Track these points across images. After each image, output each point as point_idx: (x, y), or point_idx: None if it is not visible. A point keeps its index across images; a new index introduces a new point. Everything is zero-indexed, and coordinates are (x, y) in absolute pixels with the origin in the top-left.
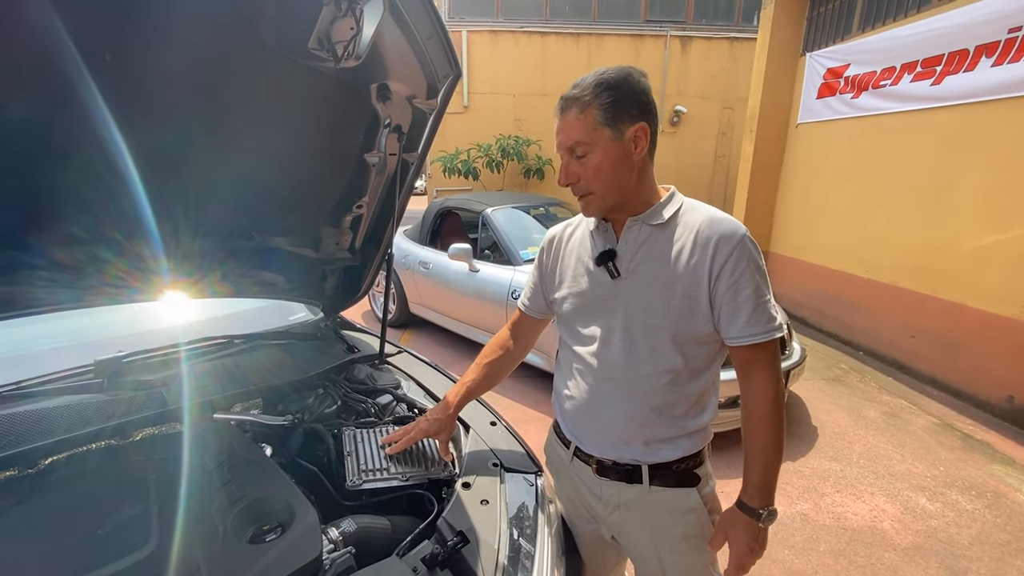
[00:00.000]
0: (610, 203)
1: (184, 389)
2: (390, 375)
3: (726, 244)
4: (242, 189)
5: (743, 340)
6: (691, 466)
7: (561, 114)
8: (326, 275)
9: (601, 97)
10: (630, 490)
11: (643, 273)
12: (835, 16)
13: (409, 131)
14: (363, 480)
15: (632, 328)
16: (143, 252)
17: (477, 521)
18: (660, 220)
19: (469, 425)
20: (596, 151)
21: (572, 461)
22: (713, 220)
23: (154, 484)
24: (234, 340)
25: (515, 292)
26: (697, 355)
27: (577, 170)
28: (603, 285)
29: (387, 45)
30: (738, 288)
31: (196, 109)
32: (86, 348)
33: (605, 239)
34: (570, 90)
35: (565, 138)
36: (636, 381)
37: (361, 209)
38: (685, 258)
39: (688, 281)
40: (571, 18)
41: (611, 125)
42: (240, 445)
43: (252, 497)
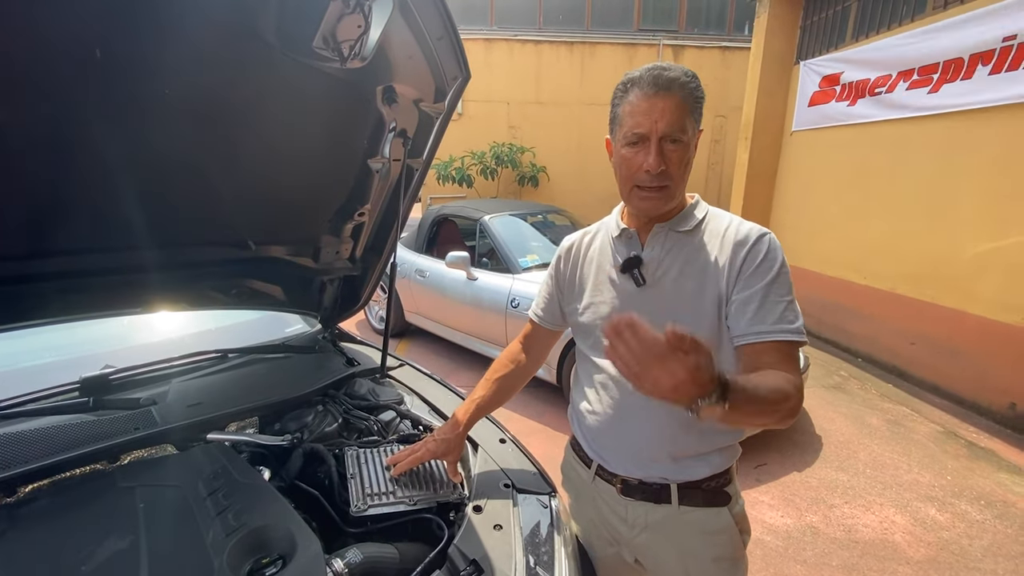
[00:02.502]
0: (676, 201)
1: (176, 408)
2: (392, 390)
3: (746, 244)
4: (239, 196)
5: (748, 338)
6: (721, 484)
7: (661, 93)
8: (325, 285)
9: (698, 91)
10: (658, 511)
11: (671, 281)
12: (829, 24)
13: (415, 136)
14: (368, 505)
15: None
16: (133, 261)
17: (491, 548)
18: (688, 227)
19: (478, 443)
20: (687, 143)
21: (594, 481)
22: (736, 226)
23: (143, 513)
24: (228, 354)
25: (514, 300)
26: (728, 364)
27: (670, 156)
28: (627, 294)
29: (395, 45)
30: (750, 282)
31: (191, 111)
32: (71, 365)
33: (629, 246)
34: (662, 70)
35: (667, 121)
36: None
37: (363, 217)
38: (713, 265)
39: (716, 289)
40: (564, 27)
41: (696, 120)
42: (236, 468)
43: (250, 526)
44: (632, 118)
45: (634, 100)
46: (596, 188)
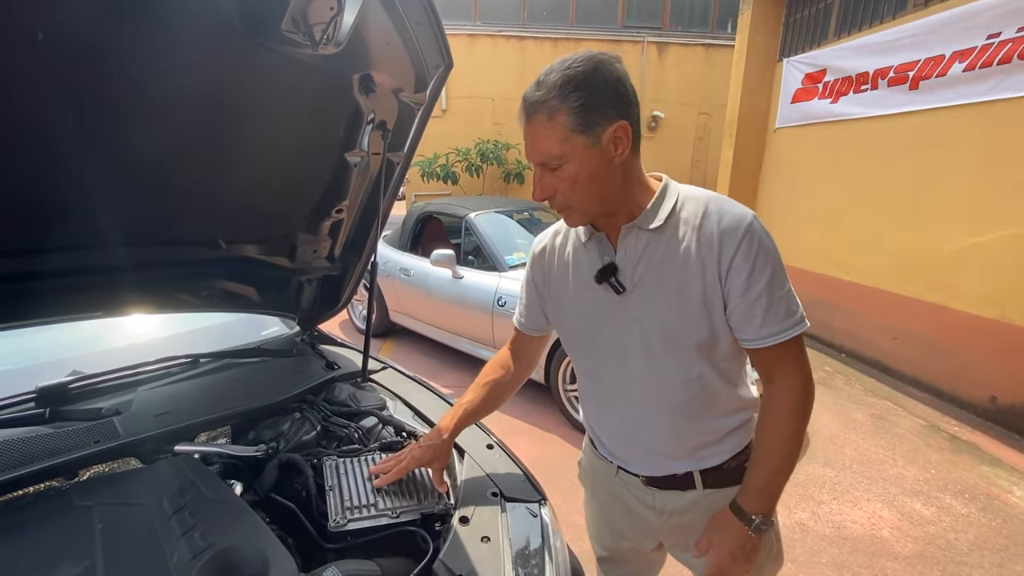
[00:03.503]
0: (592, 214)
1: (141, 418)
2: (374, 394)
3: (730, 238)
4: (207, 192)
5: (760, 342)
6: (741, 462)
7: (527, 120)
8: (302, 286)
9: (570, 100)
10: (685, 496)
11: (651, 283)
12: (812, 22)
13: (395, 128)
14: (348, 519)
15: (651, 343)
16: (93, 262)
17: (478, 562)
18: (657, 223)
19: (464, 450)
20: (571, 162)
21: (618, 474)
22: (715, 211)
23: (101, 535)
24: (199, 359)
25: (501, 299)
26: (725, 355)
27: (552, 183)
28: (609, 303)
29: (372, 30)
30: (749, 285)
31: (151, 101)
32: (27, 373)
33: (601, 251)
34: (532, 89)
35: (534, 151)
36: (665, 396)
37: (341, 214)
38: (692, 260)
39: (700, 285)
40: (549, 23)
41: (585, 131)
42: (205, 483)
43: (219, 547)
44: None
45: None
46: None
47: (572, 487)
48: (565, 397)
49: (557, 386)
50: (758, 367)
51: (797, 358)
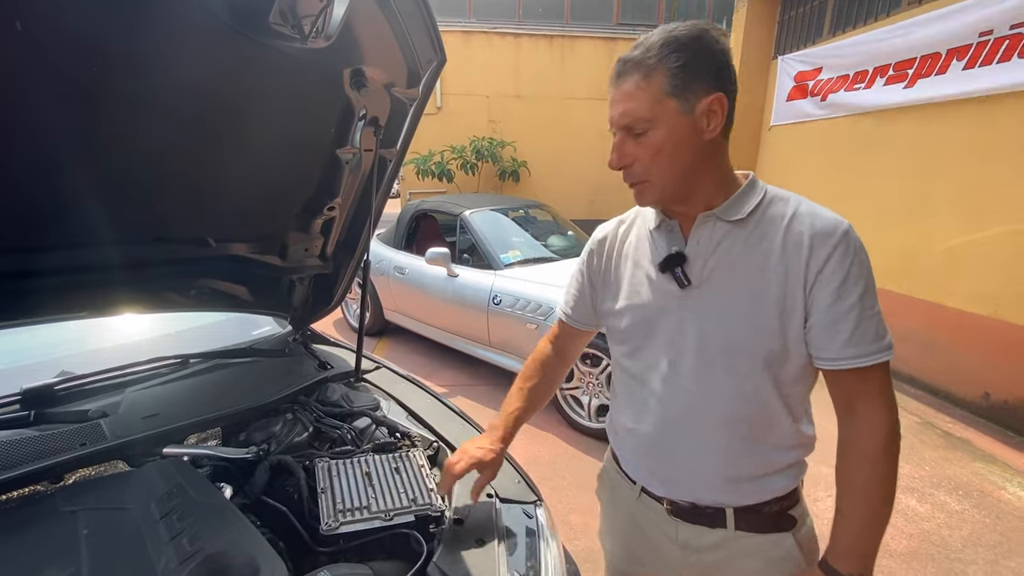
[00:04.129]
0: (670, 193)
1: (129, 420)
2: (368, 395)
3: (824, 241)
4: (195, 189)
5: (843, 363)
6: (785, 507)
7: (617, 80)
8: (294, 285)
9: (669, 60)
10: (712, 534)
11: (721, 281)
12: (806, 20)
13: (387, 124)
14: (340, 522)
15: (708, 348)
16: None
17: (472, 565)
18: (739, 215)
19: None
20: (659, 128)
21: (640, 498)
22: (806, 213)
23: (86, 541)
24: (189, 360)
25: (496, 298)
26: (792, 377)
27: (633, 150)
28: (669, 296)
29: (362, 23)
30: (840, 296)
31: (137, 96)
32: (12, 375)
33: (670, 239)
34: (630, 51)
35: (622, 111)
36: (715, 411)
37: (333, 212)
38: (775, 261)
39: (780, 291)
40: (544, 20)
41: (679, 95)
42: (193, 486)
43: (207, 552)
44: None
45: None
46: (578, 183)
47: (568, 486)
48: (562, 396)
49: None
50: (835, 395)
51: (884, 388)
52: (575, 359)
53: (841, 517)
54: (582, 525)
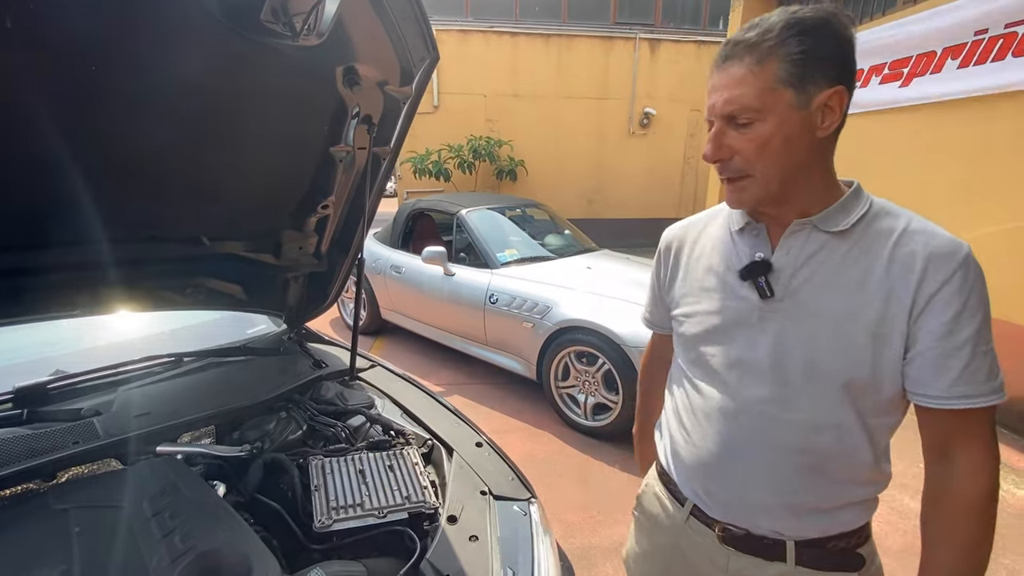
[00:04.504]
0: (771, 193)
1: (122, 418)
2: (362, 393)
3: (941, 265)
4: (189, 187)
5: (949, 403)
6: (853, 544)
7: (723, 64)
8: (289, 283)
9: (789, 44)
10: (768, 568)
11: (809, 296)
12: None
13: (380, 122)
14: (333, 520)
15: (786, 366)
16: (77, 259)
17: (466, 562)
18: (840, 226)
19: (452, 448)
20: (767, 119)
21: (688, 521)
22: (920, 230)
23: (78, 539)
24: (183, 358)
25: (493, 296)
26: (879, 409)
27: (734, 142)
28: (747, 306)
29: (354, 21)
30: (953, 329)
31: (131, 95)
32: (5, 373)
33: (754, 245)
34: (743, 31)
35: (726, 99)
36: (786, 434)
37: (327, 210)
38: (876, 281)
39: (878, 313)
40: (541, 19)
41: (796, 85)
42: (186, 484)
43: (199, 550)
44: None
45: (710, 76)
46: (575, 182)
47: (564, 483)
48: (557, 394)
49: (549, 383)
50: (930, 436)
51: (990, 432)
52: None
53: (932, 567)
54: (577, 523)
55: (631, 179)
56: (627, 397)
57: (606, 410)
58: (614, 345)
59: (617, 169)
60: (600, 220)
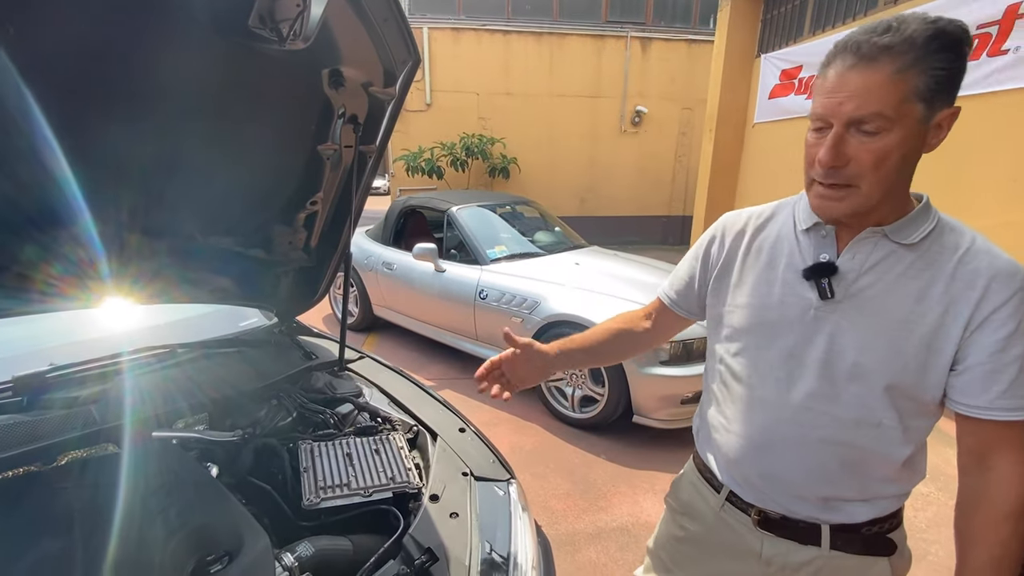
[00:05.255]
0: (869, 205)
1: (118, 406)
2: (351, 383)
3: (1003, 285)
4: (181, 185)
5: (994, 414)
6: (885, 530)
7: (858, 64)
8: (279, 277)
9: (934, 59)
10: (802, 552)
11: (869, 301)
12: (788, 19)
13: (366, 121)
14: (321, 498)
15: (836, 365)
16: (72, 254)
17: (447, 536)
18: (911, 239)
19: (436, 433)
20: (895, 132)
21: (723, 507)
22: (984, 250)
23: (79, 516)
24: (176, 350)
25: (483, 292)
26: (913, 413)
27: (854, 150)
28: (804, 305)
29: (339, 26)
30: (1008, 345)
31: (124, 97)
32: (4, 363)
33: (820, 246)
34: (877, 34)
35: (855, 104)
36: (828, 428)
37: (316, 206)
38: (937, 293)
39: (934, 324)
40: (533, 17)
41: (928, 101)
42: (181, 465)
43: (194, 524)
44: (820, 96)
45: (831, 74)
46: (566, 180)
47: (550, 473)
48: (545, 387)
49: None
50: (969, 444)
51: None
52: (663, 341)
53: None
54: (562, 510)
55: (623, 177)
56: (613, 390)
57: (592, 402)
58: None
59: (609, 167)
60: (593, 218)
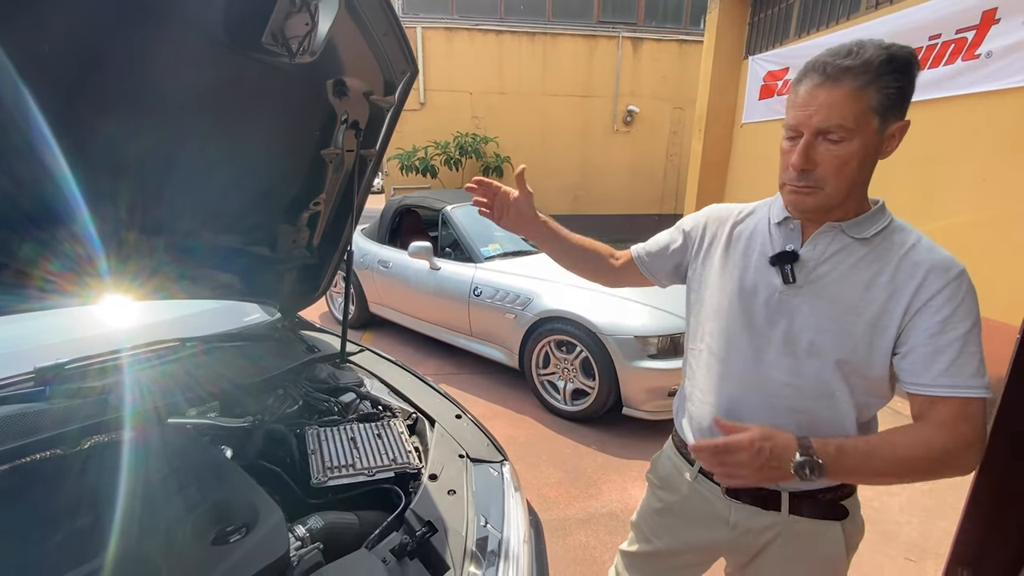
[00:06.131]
0: (833, 204)
1: (134, 395)
2: (352, 374)
3: (939, 276)
4: (193, 186)
5: (935, 390)
6: (839, 496)
7: (825, 83)
8: (283, 274)
9: (886, 79)
10: (764, 516)
11: (825, 287)
12: (774, 21)
13: (367, 127)
14: (328, 477)
15: (795, 343)
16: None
17: (445, 511)
18: (864, 234)
19: (434, 419)
20: (855, 140)
21: (696, 479)
22: (927, 247)
23: (106, 493)
24: (185, 343)
25: (477, 289)
26: (863, 388)
27: (821, 156)
28: (770, 288)
29: (343, 41)
30: (944, 329)
31: (141, 103)
32: (24, 356)
33: (787, 237)
34: (840, 57)
35: (822, 116)
36: (791, 399)
37: (319, 206)
38: (883, 282)
39: (879, 310)
40: (526, 17)
41: (882, 115)
42: (197, 448)
43: (213, 500)
44: (792, 109)
45: (801, 90)
46: (559, 178)
47: (543, 463)
48: (538, 381)
49: (531, 371)
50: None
51: (965, 424)
52: (620, 285)
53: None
54: (554, 497)
55: (615, 176)
56: (603, 383)
57: (583, 395)
58: (591, 334)
59: (601, 166)
60: (586, 216)
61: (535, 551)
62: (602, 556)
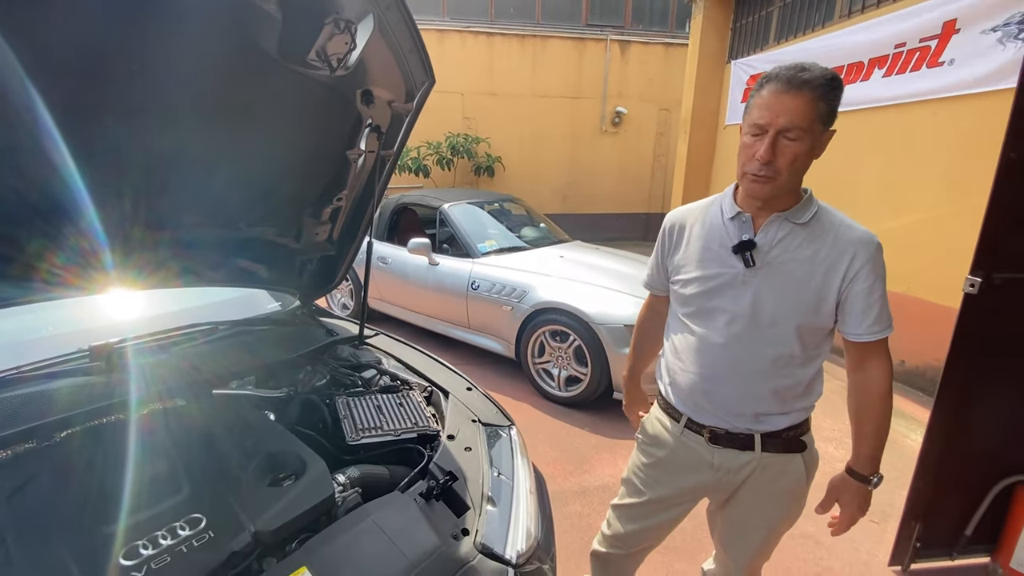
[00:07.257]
0: (783, 191)
1: (180, 370)
2: (371, 353)
3: (865, 249)
4: (234, 182)
5: (868, 337)
6: (797, 434)
7: (788, 91)
8: (304, 265)
9: (832, 95)
10: (742, 456)
11: (779, 266)
12: (755, 27)
13: (387, 131)
14: (362, 436)
15: (759, 315)
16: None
17: (463, 464)
18: (804, 219)
19: (448, 391)
20: (806, 140)
21: (683, 433)
22: (850, 226)
23: (173, 447)
24: (219, 327)
25: (475, 283)
26: (812, 343)
27: (781, 150)
28: (735, 273)
29: (373, 56)
30: (871, 290)
31: (195, 108)
32: (74, 336)
33: (741, 229)
34: (798, 71)
35: (787, 118)
36: (756, 362)
37: (341, 202)
38: (823, 256)
39: (821, 280)
40: (516, 20)
41: (825, 121)
42: (245, 412)
43: (266, 451)
44: (758, 110)
45: (765, 95)
46: (549, 178)
47: (539, 443)
48: (534, 370)
49: (527, 360)
50: (853, 357)
51: (887, 354)
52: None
53: (863, 438)
54: (551, 473)
55: (604, 176)
56: (595, 369)
57: (577, 382)
58: (584, 324)
59: (590, 166)
60: (575, 215)
61: (539, 499)
62: (596, 522)
